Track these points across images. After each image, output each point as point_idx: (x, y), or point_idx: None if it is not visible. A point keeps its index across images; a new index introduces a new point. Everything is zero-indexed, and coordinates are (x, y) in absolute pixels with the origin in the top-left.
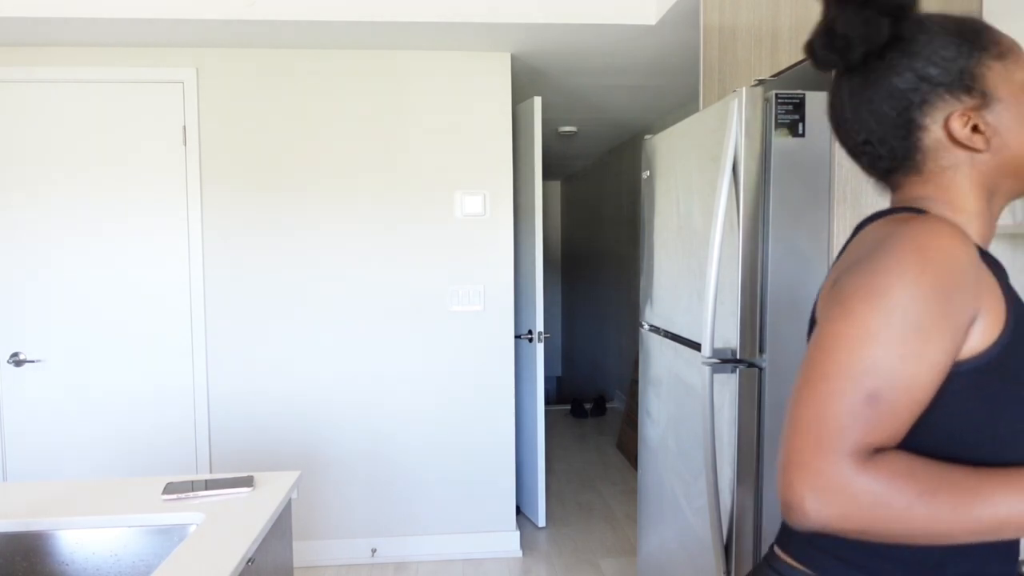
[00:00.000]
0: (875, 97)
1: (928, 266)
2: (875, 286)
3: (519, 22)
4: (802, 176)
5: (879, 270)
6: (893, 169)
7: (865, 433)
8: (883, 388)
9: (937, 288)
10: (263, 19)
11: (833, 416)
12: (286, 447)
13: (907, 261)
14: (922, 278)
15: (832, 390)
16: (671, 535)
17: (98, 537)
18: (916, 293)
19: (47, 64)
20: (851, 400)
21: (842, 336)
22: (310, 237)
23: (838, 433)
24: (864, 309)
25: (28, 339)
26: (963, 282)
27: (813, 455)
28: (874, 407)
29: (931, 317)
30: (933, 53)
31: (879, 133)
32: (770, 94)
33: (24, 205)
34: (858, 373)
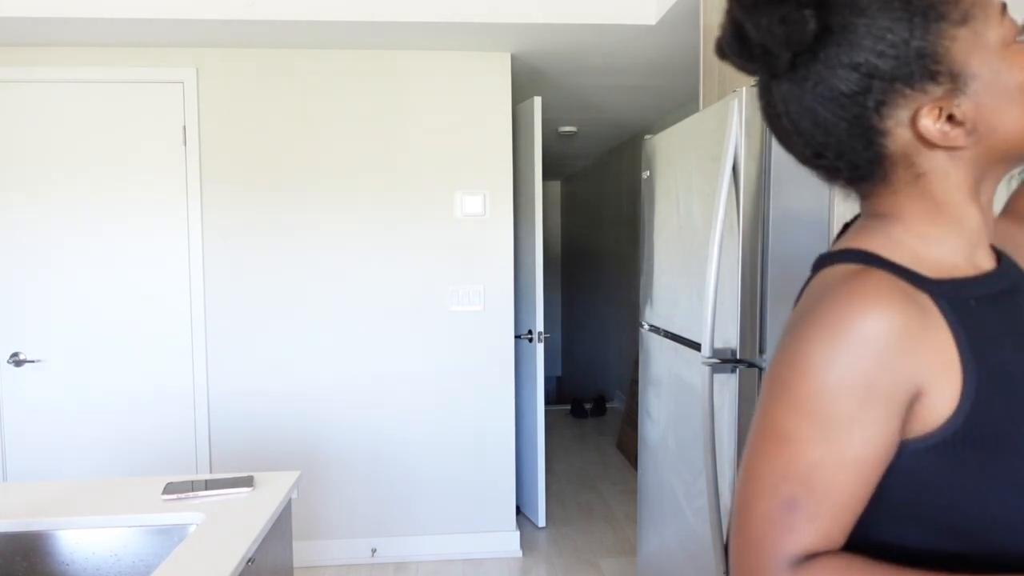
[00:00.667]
0: (817, 106)
1: (844, 351)
2: (786, 377)
3: (519, 22)
4: (802, 176)
5: (795, 354)
6: (856, 179)
7: (787, 540)
8: (800, 494)
9: (853, 376)
10: (263, 19)
11: (756, 525)
12: (286, 447)
13: (823, 344)
14: (834, 367)
15: (753, 493)
16: (671, 535)
17: (98, 537)
18: (827, 386)
19: (47, 64)
20: (768, 506)
21: (761, 435)
22: (310, 237)
23: (763, 543)
24: (776, 405)
25: (28, 339)
26: (891, 362)
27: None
28: (792, 513)
29: (851, 408)
30: (878, 39)
31: (832, 146)
32: None
33: (24, 205)
34: (774, 478)
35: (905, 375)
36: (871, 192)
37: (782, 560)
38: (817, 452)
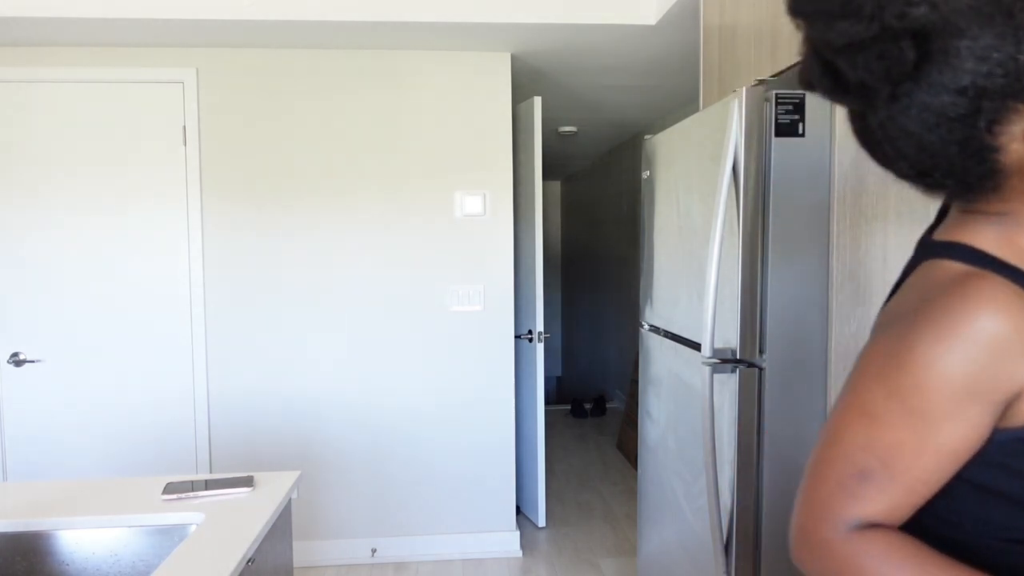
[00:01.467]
0: (923, 132)
1: (954, 349)
2: (887, 365)
3: (519, 22)
4: (802, 176)
5: (903, 343)
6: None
7: (853, 505)
8: (875, 468)
9: (958, 374)
10: (263, 19)
11: (826, 484)
12: (286, 447)
13: (933, 340)
14: (941, 362)
15: (831, 457)
16: (671, 535)
17: (98, 537)
18: (929, 379)
19: (47, 64)
20: (842, 472)
21: (850, 407)
22: (310, 236)
23: (826, 500)
24: (874, 385)
25: (28, 339)
26: (997, 366)
27: (805, 513)
28: (864, 483)
29: (946, 404)
30: (982, 60)
31: (941, 167)
32: (770, 94)
33: (24, 205)
34: (853, 448)
35: (1008, 378)
36: (978, 199)
37: (841, 522)
38: (902, 435)
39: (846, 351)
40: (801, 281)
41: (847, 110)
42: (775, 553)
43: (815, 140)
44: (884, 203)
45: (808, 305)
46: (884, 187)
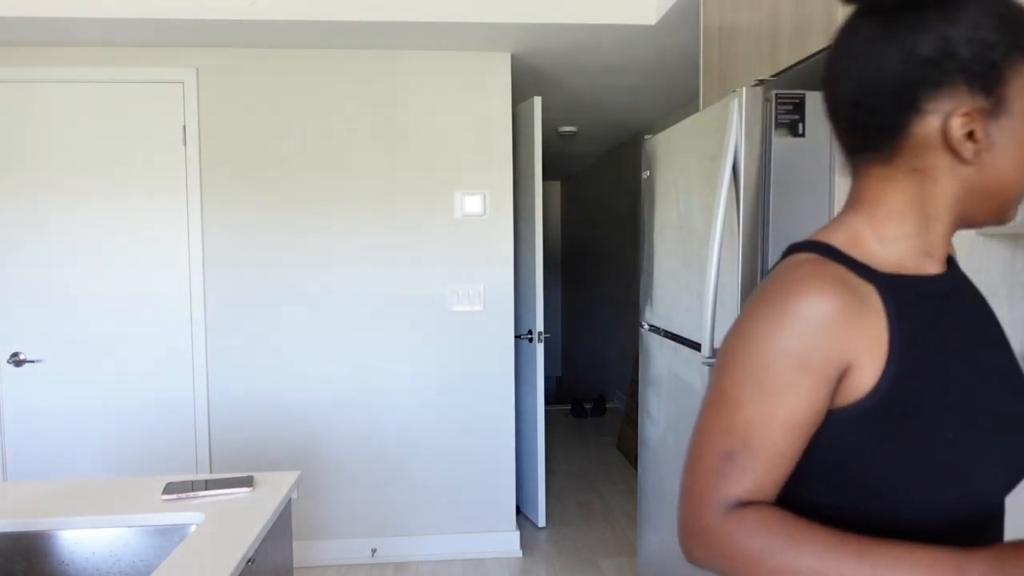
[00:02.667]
0: (887, 53)
1: (782, 326)
2: (735, 347)
3: (519, 22)
4: (802, 176)
5: (742, 329)
6: (864, 147)
7: (722, 486)
8: (736, 446)
9: (789, 349)
10: (263, 19)
11: (700, 471)
12: (286, 447)
13: (767, 320)
14: (774, 339)
15: (700, 449)
16: (671, 535)
17: (98, 537)
18: (766, 356)
19: (47, 64)
20: (711, 458)
21: (711, 398)
22: (310, 236)
23: (704, 486)
24: (724, 373)
25: (28, 339)
26: (822, 340)
27: (689, 504)
28: (729, 463)
29: (781, 378)
30: (973, 29)
31: (873, 99)
32: (770, 94)
33: (24, 205)
34: (717, 433)
35: (836, 352)
36: (866, 170)
37: (718, 503)
38: (754, 412)
39: None
40: None
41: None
42: None
43: (815, 140)
44: None
45: None
46: None
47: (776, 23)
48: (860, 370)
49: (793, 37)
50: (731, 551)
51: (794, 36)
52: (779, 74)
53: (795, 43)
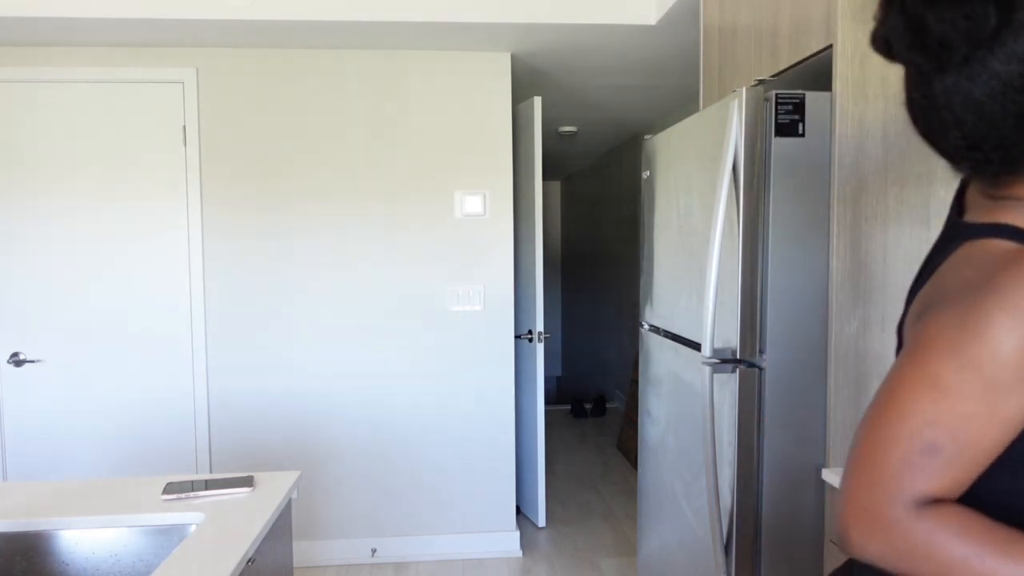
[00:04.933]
0: (986, 100)
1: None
2: (958, 338)
3: (519, 22)
4: (802, 176)
5: (973, 317)
6: (1005, 171)
7: (919, 481)
8: (944, 442)
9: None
10: (263, 19)
11: (890, 461)
12: (286, 447)
13: (1005, 314)
14: (1013, 335)
15: (894, 436)
16: (671, 535)
17: (98, 537)
18: (1001, 350)
19: (47, 64)
20: (908, 448)
21: (915, 382)
22: (310, 236)
23: (891, 478)
24: (941, 359)
25: (28, 339)
26: None
27: (866, 493)
28: (931, 459)
29: (1014, 377)
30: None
31: (993, 138)
32: (770, 94)
33: (24, 205)
34: (921, 423)
35: None
36: (1014, 182)
37: (909, 499)
38: (973, 408)
39: (846, 351)
40: (801, 281)
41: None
42: (775, 553)
43: (815, 140)
44: (884, 203)
45: (808, 305)
46: (884, 187)
47: (776, 23)
48: None
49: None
50: (930, 552)
51: (794, 36)
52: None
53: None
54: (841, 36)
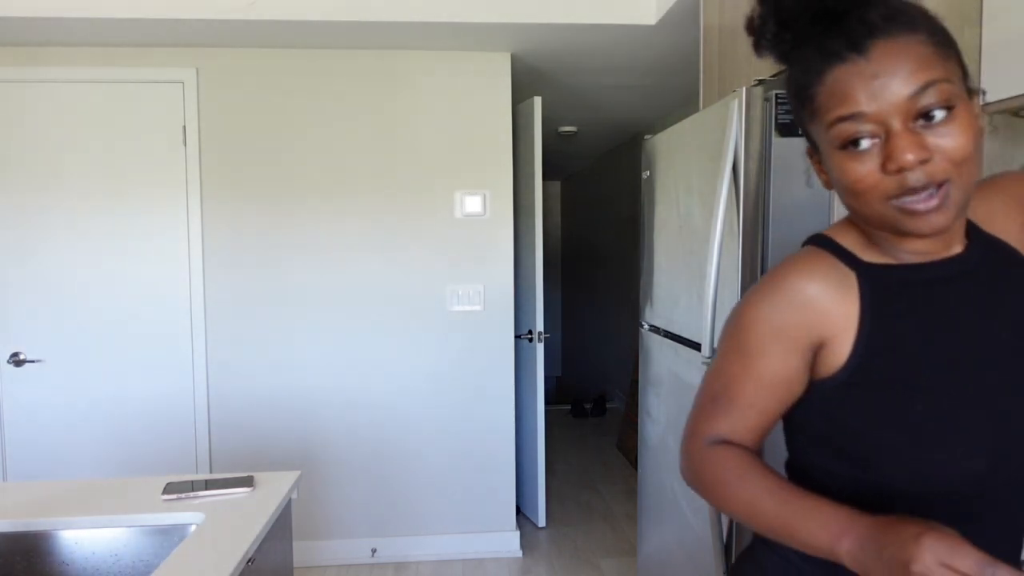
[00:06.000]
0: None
1: (768, 300)
2: (732, 314)
3: (519, 22)
4: (802, 176)
5: (739, 304)
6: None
7: (708, 423)
8: (720, 393)
9: (770, 317)
10: (263, 19)
11: (695, 409)
12: (286, 447)
13: (759, 294)
14: (759, 310)
15: (699, 392)
16: (671, 535)
17: (98, 537)
18: (749, 323)
19: (47, 64)
20: (703, 397)
21: (718, 351)
22: (310, 236)
23: (695, 420)
24: (723, 332)
25: (28, 339)
26: (794, 315)
27: (685, 433)
28: (714, 405)
29: (758, 343)
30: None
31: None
32: (770, 94)
33: (24, 205)
34: (712, 379)
35: (809, 326)
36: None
37: (702, 436)
38: (734, 367)
39: None
40: None
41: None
42: None
43: None
44: None
45: None
46: None
47: None
48: (835, 346)
49: None
50: (701, 475)
51: None
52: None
53: None
54: None
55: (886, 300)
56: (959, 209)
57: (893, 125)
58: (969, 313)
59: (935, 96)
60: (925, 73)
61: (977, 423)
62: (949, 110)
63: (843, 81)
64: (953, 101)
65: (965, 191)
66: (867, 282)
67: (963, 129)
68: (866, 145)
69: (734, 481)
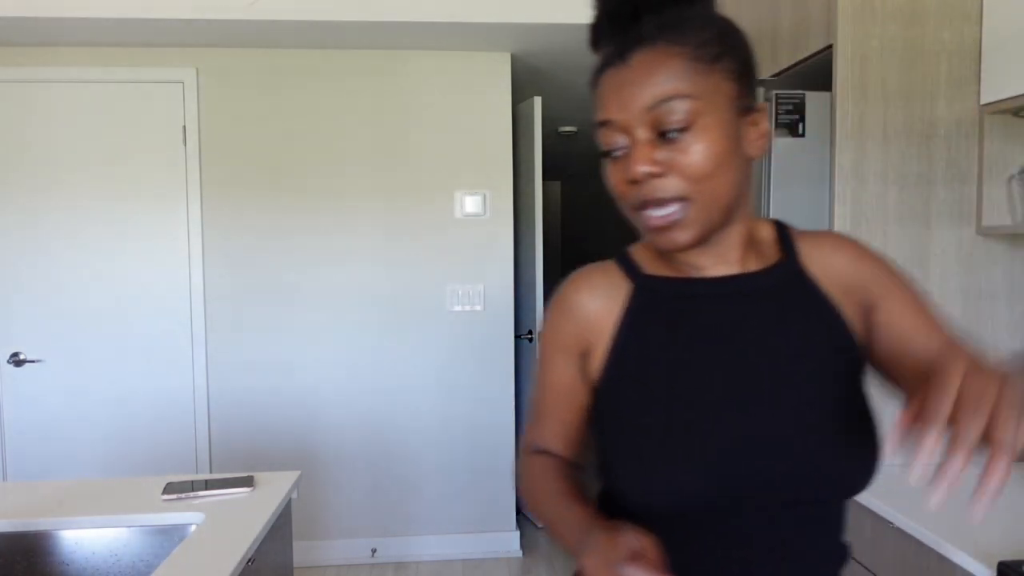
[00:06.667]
0: None
1: (550, 312)
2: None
3: (519, 22)
4: (802, 176)
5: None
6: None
7: (528, 434)
8: (533, 404)
9: (549, 327)
10: (263, 19)
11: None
12: (286, 447)
13: (548, 307)
14: (546, 322)
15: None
16: None
17: (98, 537)
18: (542, 335)
19: (47, 64)
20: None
21: None
22: (310, 236)
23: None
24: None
25: (28, 339)
26: (566, 323)
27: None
28: (531, 417)
29: (545, 354)
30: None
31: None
32: (771, 93)
33: (25, 205)
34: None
35: (577, 333)
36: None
37: (525, 448)
38: (537, 380)
39: None
40: None
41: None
42: None
43: (815, 140)
44: (885, 203)
45: None
46: (884, 187)
47: (776, 23)
48: (596, 353)
49: (793, 37)
50: (520, 484)
51: (794, 36)
52: (779, 74)
53: (795, 43)
54: (841, 36)
55: (644, 311)
56: (703, 228)
57: (638, 135)
58: (727, 332)
59: (672, 110)
60: (668, 86)
61: (702, 443)
62: (686, 127)
63: (605, 86)
64: (692, 119)
65: (708, 211)
66: (639, 293)
67: (704, 146)
68: (619, 154)
69: (533, 489)
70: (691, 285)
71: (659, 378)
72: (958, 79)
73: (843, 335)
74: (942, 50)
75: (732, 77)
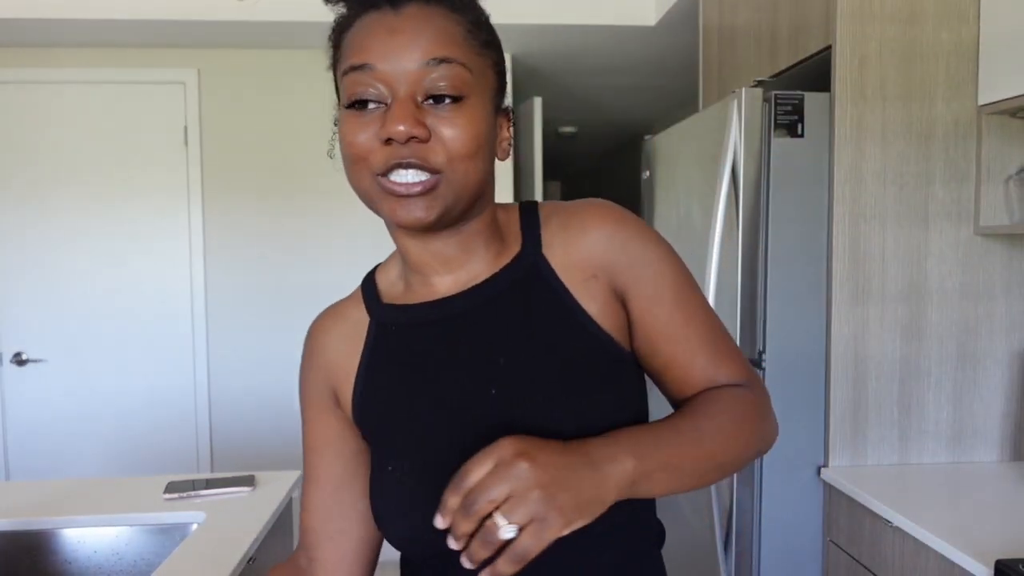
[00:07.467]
0: None
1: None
2: None
3: (519, 22)
4: (801, 176)
5: None
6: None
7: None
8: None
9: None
10: (263, 19)
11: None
12: (287, 446)
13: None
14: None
15: None
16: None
17: (100, 535)
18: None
19: (48, 65)
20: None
21: None
22: (311, 236)
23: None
24: None
25: (30, 339)
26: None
27: None
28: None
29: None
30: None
31: None
32: (770, 94)
33: (26, 205)
34: None
35: (326, 379)
36: None
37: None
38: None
39: (845, 351)
40: (800, 281)
41: None
42: (775, 553)
43: (815, 140)
44: (883, 203)
45: (808, 305)
46: (883, 187)
47: (775, 24)
48: (344, 397)
49: (792, 37)
50: None
51: (793, 37)
52: (778, 75)
53: (794, 44)
54: (840, 37)
55: (379, 347)
56: (447, 210)
57: (399, 91)
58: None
59: (446, 74)
60: (446, 48)
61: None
62: (458, 97)
63: (367, 28)
64: (466, 92)
65: (457, 193)
66: (375, 329)
67: (468, 124)
68: (372, 107)
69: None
70: (426, 310)
71: (380, 419)
72: (956, 80)
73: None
74: (940, 51)
75: (496, 70)
